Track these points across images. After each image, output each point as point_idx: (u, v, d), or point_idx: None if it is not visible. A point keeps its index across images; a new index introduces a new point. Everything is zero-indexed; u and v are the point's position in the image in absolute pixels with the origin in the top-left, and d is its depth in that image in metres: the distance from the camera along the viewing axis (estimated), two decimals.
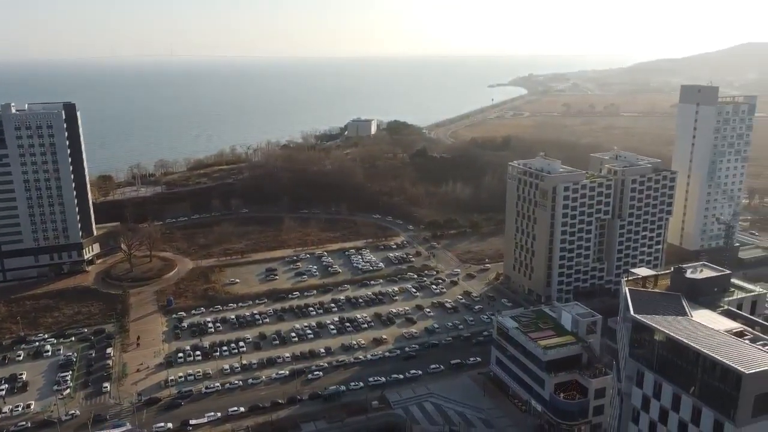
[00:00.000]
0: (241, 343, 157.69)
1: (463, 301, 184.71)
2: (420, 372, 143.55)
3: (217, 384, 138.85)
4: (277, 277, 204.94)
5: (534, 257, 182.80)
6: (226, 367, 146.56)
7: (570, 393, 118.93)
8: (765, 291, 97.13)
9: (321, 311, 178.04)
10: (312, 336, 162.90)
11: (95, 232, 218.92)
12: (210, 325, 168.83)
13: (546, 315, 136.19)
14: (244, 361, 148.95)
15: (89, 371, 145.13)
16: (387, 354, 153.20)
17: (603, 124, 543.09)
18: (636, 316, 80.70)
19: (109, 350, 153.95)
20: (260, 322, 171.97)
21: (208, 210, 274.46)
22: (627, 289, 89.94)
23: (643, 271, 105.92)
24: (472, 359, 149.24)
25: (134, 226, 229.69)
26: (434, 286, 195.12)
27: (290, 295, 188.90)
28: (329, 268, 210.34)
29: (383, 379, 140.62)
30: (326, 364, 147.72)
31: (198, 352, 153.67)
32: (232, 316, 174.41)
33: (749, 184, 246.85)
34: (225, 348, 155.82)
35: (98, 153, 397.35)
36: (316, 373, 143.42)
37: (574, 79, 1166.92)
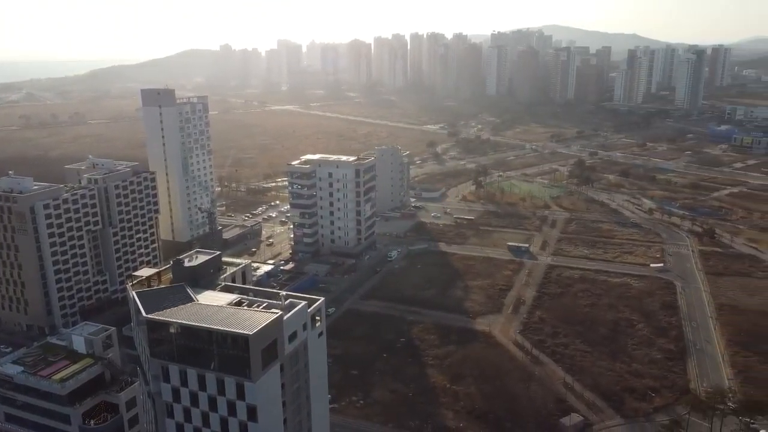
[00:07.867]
0: None
1: None
2: None
3: None
4: None
5: (25, 289, 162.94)
6: None
7: (101, 416, 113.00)
8: (249, 261, 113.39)
9: None
10: None
11: None
12: None
13: (55, 346, 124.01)
14: None
15: None
16: None
17: (71, 134, 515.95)
18: (148, 316, 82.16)
19: None
20: None
21: None
22: (134, 292, 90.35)
23: (145, 272, 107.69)
24: None
25: None
26: None
27: None
28: None
29: None
30: None
31: None
32: None
33: (217, 173, 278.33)
34: None
35: None
36: None
37: (27, 88, 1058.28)
